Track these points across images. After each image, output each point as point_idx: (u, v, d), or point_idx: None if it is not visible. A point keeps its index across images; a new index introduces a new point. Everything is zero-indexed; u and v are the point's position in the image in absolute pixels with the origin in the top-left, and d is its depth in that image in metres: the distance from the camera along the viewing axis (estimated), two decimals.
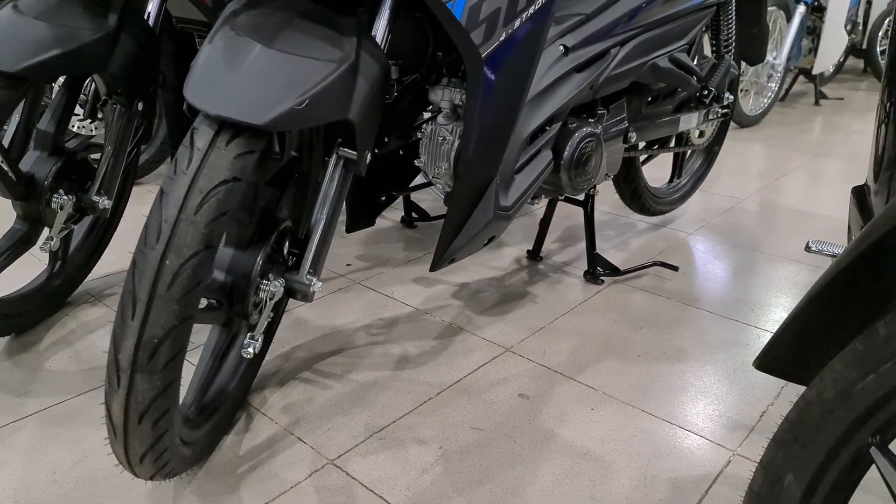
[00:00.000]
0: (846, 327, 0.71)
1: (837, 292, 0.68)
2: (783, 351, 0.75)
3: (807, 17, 3.85)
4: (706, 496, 1.06)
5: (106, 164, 1.40)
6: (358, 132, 0.96)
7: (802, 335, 0.73)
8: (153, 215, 0.76)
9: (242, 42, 0.82)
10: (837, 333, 0.71)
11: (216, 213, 0.76)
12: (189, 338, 0.80)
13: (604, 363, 1.42)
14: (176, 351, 0.77)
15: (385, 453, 1.14)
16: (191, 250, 0.74)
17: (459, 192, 1.22)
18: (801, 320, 0.71)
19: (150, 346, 0.74)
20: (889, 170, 0.82)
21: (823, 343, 0.72)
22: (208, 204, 0.75)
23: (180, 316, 0.75)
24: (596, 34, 1.47)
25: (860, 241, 0.65)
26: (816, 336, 0.72)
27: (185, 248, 0.74)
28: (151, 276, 0.74)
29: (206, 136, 0.78)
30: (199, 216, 0.75)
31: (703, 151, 2.27)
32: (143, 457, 0.82)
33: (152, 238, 0.74)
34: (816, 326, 0.71)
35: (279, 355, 1.42)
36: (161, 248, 0.74)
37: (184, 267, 0.74)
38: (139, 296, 0.74)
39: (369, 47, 0.98)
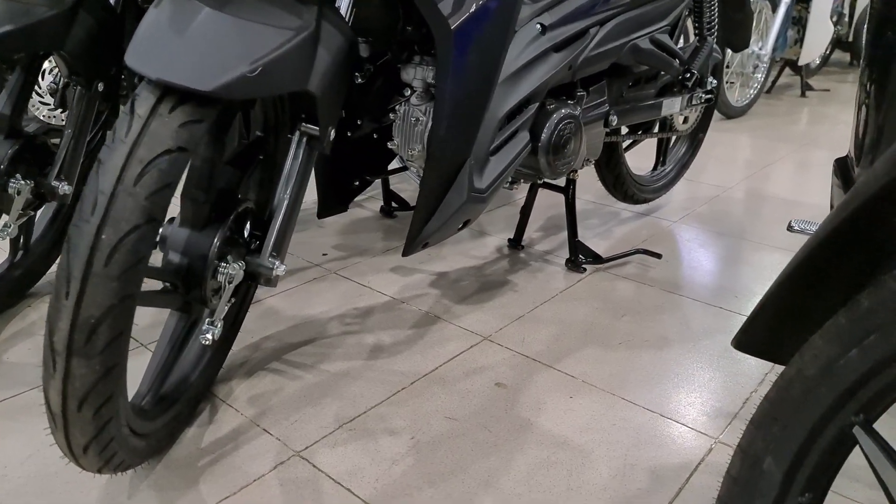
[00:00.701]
0: (826, 303, 0.67)
1: (816, 267, 0.65)
2: (761, 329, 0.71)
3: (792, 8, 3.83)
4: (687, 485, 1.02)
5: (66, 147, 1.34)
6: (319, 105, 0.92)
7: (781, 312, 0.69)
8: (89, 187, 0.71)
9: (190, 5, 0.77)
10: (817, 309, 0.67)
11: (158, 184, 0.71)
12: (132, 319, 0.75)
13: (584, 351, 1.38)
14: (116, 332, 0.72)
15: (354, 444, 1.10)
16: (129, 224, 0.69)
17: (431, 172, 1.17)
18: (779, 297, 0.67)
19: (86, 328, 0.69)
20: (870, 150, 0.79)
21: (802, 320, 0.68)
22: (149, 175, 0.70)
23: (119, 294, 0.70)
24: (574, 13, 1.42)
25: (837, 214, 0.61)
26: (795, 313, 0.68)
27: (124, 222, 0.69)
28: (86, 252, 0.69)
29: (147, 102, 0.73)
30: (138, 188, 0.70)
31: (687, 138, 2.24)
32: (86, 447, 0.77)
33: (87, 211, 0.69)
34: (795, 303, 0.67)
35: (248, 345, 1.37)
36: (96, 222, 0.69)
37: (122, 242, 0.69)
38: (73, 273, 0.69)
39: (332, 17, 0.93)
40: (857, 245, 0.62)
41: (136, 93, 0.74)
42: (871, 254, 0.62)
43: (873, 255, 0.62)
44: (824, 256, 0.64)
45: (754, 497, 0.64)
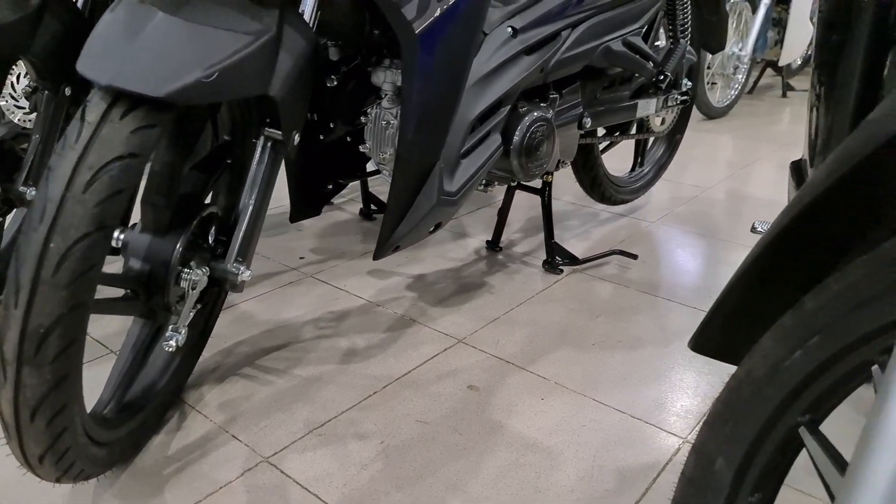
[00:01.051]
0: (776, 304, 0.68)
1: (766, 268, 0.65)
2: (716, 331, 0.71)
3: (772, 9, 3.86)
4: (653, 485, 1.02)
5: (34, 152, 1.33)
6: (281, 110, 0.91)
7: (734, 314, 0.69)
8: (38, 194, 0.70)
9: (144, 10, 0.77)
10: (768, 311, 0.68)
11: (109, 191, 0.70)
12: (85, 328, 0.74)
13: (558, 353, 1.39)
14: (67, 342, 0.71)
15: (323, 450, 1.09)
16: (79, 231, 0.69)
17: (401, 175, 1.17)
18: (731, 298, 0.68)
19: (36, 337, 0.69)
20: (822, 152, 0.79)
21: (755, 321, 0.68)
22: (99, 181, 0.70)
23: (69, 303, 0.70)
24: (546, 16, 1.43)
25: (785, 215, 0.61)
26: (748, 314, 0.68)
27: (73, 230, 0.69)
28: (34, 261, 0.68)
29: (98, 108, 0.72)
30: (88, 194, 0.69)
31: (665, 139, 2.25)
32: (41, 457, 0.77)
33: (36, 218, 0.69)
34: (747, 304, 0.68)
35: (220, 351, 1.37)
36: (45, 230, 0.68)
37: (71, 250, 0.68)
38: (22, 282, 0.68)
39: (294, 22, 0.93)
40: (803, 246, 0.63)
41: (88, 99, 0.74)
42: (817, 255, 0.63)
43: (819, 256, 0.63)
44: (774, 258, 0.64)
45: (706, 497, 0.64)
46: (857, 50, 0.66)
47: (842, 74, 0.67)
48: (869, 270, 0.54)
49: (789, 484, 1.02)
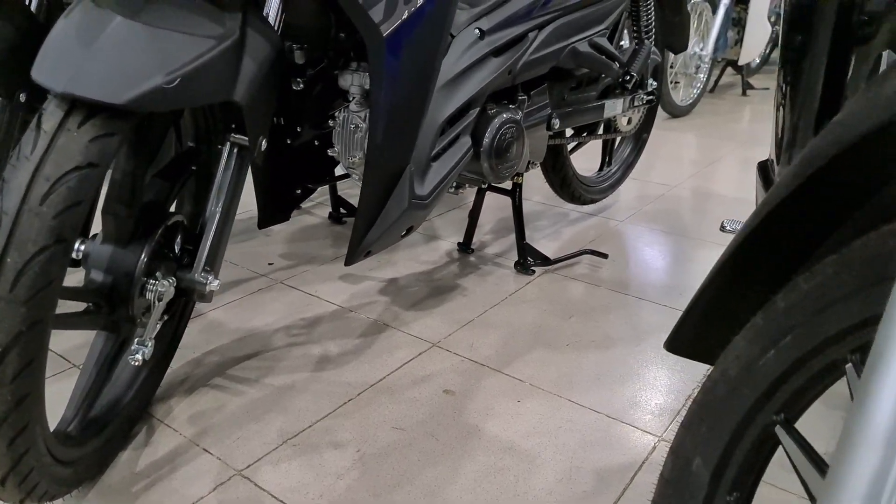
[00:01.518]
0: (748, 303, 0.68)
1: (738, 268, 0.66)
2: (691, 331, 0.71)
3: (731, 9, 3.93)
4: (630, 484, 1.02)
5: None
6: (246, 116, 0.89)
7: (708, 314, 0.70)
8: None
9: (102, 14, 0.74)
10: (741, 310, 0.68)
11: (67, 203, 0.68)
12: (46, 345, 0.72)
13: (532, 354, 1.39)
14: (27, 360, 0.68)
15: (298, 460, 1.07)
16: (37, 245, 0.66)
17: (371, 180, 1.16)
18: (705, 298, 0.68)
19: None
20: (788, 149, 0.81)
21: (728, 321, 0.69)
22: (56, 193, 0.67)
23: (28, 321, 0.67)
24: (512, 17, 1.43)
25: (755, 216, 0.62)
26: (721, 314, 0.69)
27: (30, 244, 0.66)
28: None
29: (54, 117, 0.70)
30: (45, 207, 0.67)
31: (632, 139, 2.27)
32: (3, 479, 0.73)
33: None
34: (721, 304, 0.68)
35: (189, 361, 1.34)
36: (0, 245, 0.65)
37: (29, 264, 0.66)
38: None
39: (258, 25, 0.91)
40: (773, 246, 0.64)
41: (44, 107, 0.71)
42: (787, 254, 0.63)
43: (788, 255, 0.63)
44: (745, 258, 0.65)
45: (685, 498, 0.64)
46: (821, 50, 0.67)
47: (807, 74, 0.69)
48: (838, 269, 0.54)
49: (766, 481, 1.04)
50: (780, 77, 0.79)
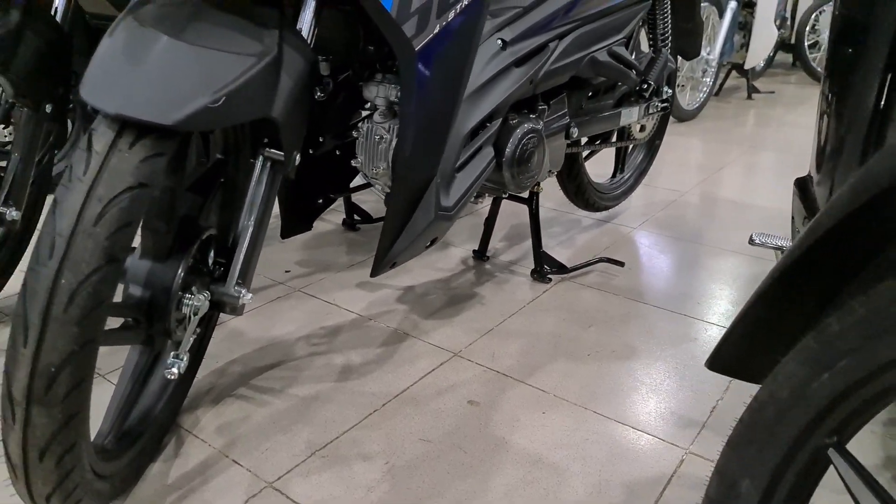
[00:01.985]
0: (795, 324, 0.69)
1: (786, 288, 0.66)
2: (734, 349, 0.72)
3: (738, 13, 3.94)
4: (661, 498, 1.03)
5: (13, 171, 1.29)
6: (283, 131, 0.90)
7: (752, 332, 0.70)
8: (46, 229, 0.67)
9: (147, 34, 0.74)
10: (787, 330, 0.69)
11: (119, 223, 0.68)
12: (94, 364, 0.72)
13: (554, 364, 1.39)
14: (78, 379, 0.69)
15: (328, 472, 1.08)
16: (90, 266, 0.66)
17: (398, 192, 1.16)
18: (750, 317, 0.69)
19: (46, 376, 0.66)
20: (831, 161, 0.81)
21: (773, 340, 0.69)
22: (109, 214, 0.67)
23: (81, 340, 0.67)
24: (534, 28, 1.43)
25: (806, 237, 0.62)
26: (766, 333, 0.69)
27: (84, 264, 0.66)
28: (45, 297, 0.65)
29: (105, 138, 0.70)
30: (98, 228, 0.67)
31: (644, 146, 2.28)
32: (49, 497, 0.74)
33: (45, 254, 0.66)
34: (765, 323, 0.69)
35: (213, 371, 1.34)
36: (55, 265, 0.66)
37: (82, 285, 0.66)
38: (31, 320, 0.66)
39: (293, 41, 0.92)
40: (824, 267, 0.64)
41: (93, 128, 0.71)
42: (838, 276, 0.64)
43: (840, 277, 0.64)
44: (792, 280, 0.65)
45: None
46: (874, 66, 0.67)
47: (856, 89, 0.69)
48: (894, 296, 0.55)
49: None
50: (824, 88, 0.79)
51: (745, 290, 1.74)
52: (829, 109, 0.80)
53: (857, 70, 0.69)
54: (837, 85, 0.80)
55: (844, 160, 0.75)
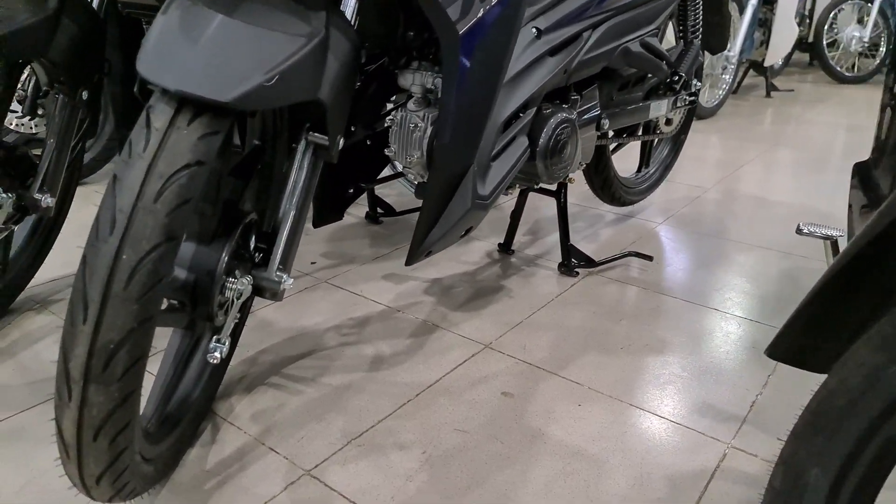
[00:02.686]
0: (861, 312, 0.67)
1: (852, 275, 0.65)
2: (795, 338, 0.70)
3: (759, 10, 3.91)
4: (706, 492, 1.02)
5: (48, 158, 1.28)
6: (329, 114, 0.89)
7: (815, 322, 0.69)
8: (105, 204, 0.67)
9: (202, 12, 0.74)
10: (853, 318, 0.67)
11: (179, 200, 0.68)
12: (150, 342, 0.71)
13: (586, 357, 1.38)
14: (135, 357, 0.68)
15: (365, 461, 1.07)
16: (150, 243, 0.66)
17: (435, 181, 1.15)
18: (815, 305, 0.67)
19: (104, 353, 0.66)
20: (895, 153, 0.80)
21: (839, 328, 0.68)
22: (169, 191, 0.67)
23: (140, 317, 0.67)
24: (568, 17, 1.42)
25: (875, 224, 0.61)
26: (831, 321, 0.68)
27: (144, 241, 0.66)
28: (105, 274, 0.65)
29: (164, 114, 0.69)
30: (158, 204, 0.66)
31: (670, 140, 2.26)
32: (99, 478, 0.73)
33: (105, 230, 0.66)
34: (831, 311, 0.68)
35: (245, 360, 1.33)
36: (116, 242, 0.65)
37: (143, 262, 0.65)
38: (91, 296, 0.65)
39: (339, 23, 0.91)
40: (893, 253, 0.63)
41: (151, 104, 0.71)
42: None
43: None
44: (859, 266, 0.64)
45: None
46: None
47: None
48: None
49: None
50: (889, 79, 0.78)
51: (774, 284, 1.72)
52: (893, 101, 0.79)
53: None
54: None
55: None
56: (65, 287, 1.59)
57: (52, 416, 1.16)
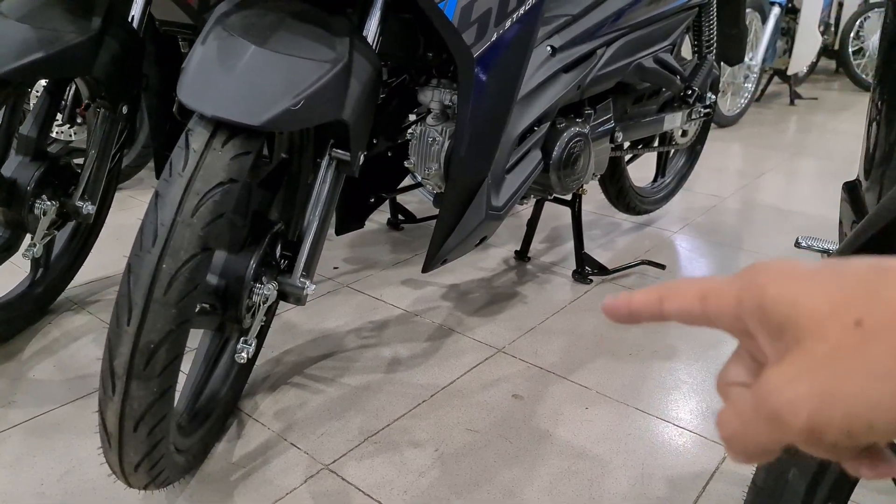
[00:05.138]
0: None
1: None
2: None
3: (781, 19, 3.91)
4: (703, 493, 1.06)
5: (89, 168, 1.37)
6: (352, 133, 0.96)
7: None
8: (149, 218, 0.74)
9: (236, 42, 0.81)
10: None
11: (213, 215, 0.75)
12: (186, 342, 0.78)
13: (596, 362, 1.43)
14: (173, 356, 0.75)
15: (381, 457, 1.13)
16: (188, 253, 0.73)
17: (451, 192, 1.22)
18: None
19: (146, 352, 0.73)
20: (881, 167, 0.84)
21: None
22: (205, 206, 0.74)
23: (177, 320, 0.74)
24: (582, 35, 1.47)
25: (855, 238, 0.65)
26: None
27: (182, 252, 0.73)
28: (148, 281, 0.72)
29: (201, 137, 0.77)
30: (195, 219, 0.73)
31: (686, 151, 2.29)
32: (137, 465, 0.81)
33: (148, 241, 0.73)
34: None
35: (269, 360, 1.41)
36: (157, 252, 0.72)
37: (181, 270, 0.73)
38: (135, 300, 0.72)
39: (361, 48, 0.98)
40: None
41: (190, 128, 0.78)
42: None
43: None
44: None
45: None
46: None
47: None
48: None
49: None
50: (874, 95, 0.82)
51: None
52: (878, 116, 0.83)
53: None
54: (888, 92, 0.83)
55: (894, 165, 0.77)
56: (101, 289, 1.68)
57: (91, 410, 1.24)
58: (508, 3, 1.12)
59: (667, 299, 0.30)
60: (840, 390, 0.23)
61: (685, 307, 0.29)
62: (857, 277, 0.24)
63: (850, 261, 0.26)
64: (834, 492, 0.66)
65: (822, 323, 0.24)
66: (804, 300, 0.25)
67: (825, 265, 0.26)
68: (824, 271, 0.25)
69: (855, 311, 0.23)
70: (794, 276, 0.26)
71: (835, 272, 0.25)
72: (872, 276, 0.24)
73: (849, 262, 0.25)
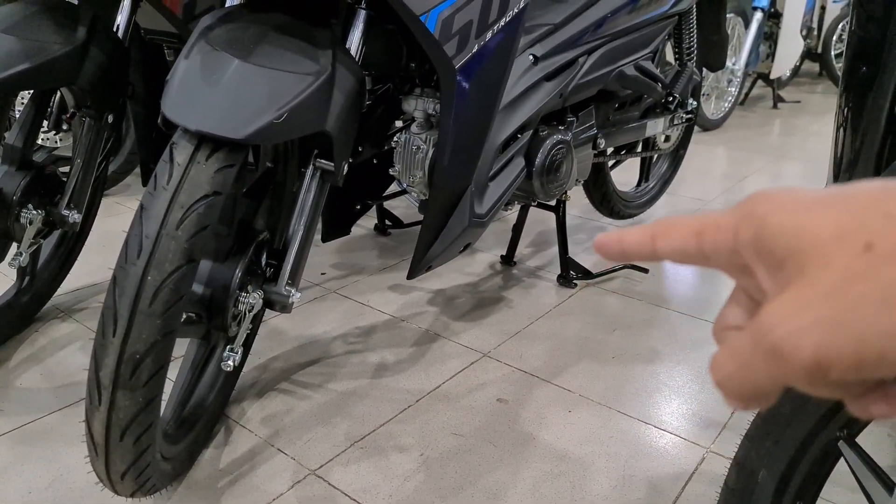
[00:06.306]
0: None
1: None
2: None
3: (764, 24, 3.96)
4: (682, 494, 1.08)
5: (75, 177, 1.38)
6: (335, 144, 0.97)
7: None
8: (133, 231, 0.75)
9: (219, 57, 0.82)
10: None
11: (197, 227, 0.76)
12: (171, 352, 0.80)
13: (579, 366, 1.45)
14: (158, 366, 0.77)
15: (366, 462, 1.15)
16: (172, 265, 0.74)
17: (435, 200, 1.23)
18: None
19: (132, 362, 0.74)
20: (847, 172, 0.86)
21: None
22: (189, 219, 0.75)
23: (163, 331, 0.75)
24: (564, 43, 1.50)
25: None
26: None
27: (167, 264, 0.74)
28: (133, 292, 0.73)
29: (185, 151, 0.78)
30: (180, 231, 0.75)
31: (669, 155, 2.32)
32: (124, 474, 0.82)
33: (133, 254, 0.74)
34: None
35: (256, 366, 1.42)
36: (142, 264, 0.74)
37: (166, 282, 0.74)
38: (120, 312, 0.74)
39: (344, 59, 0.99)
40: None
41: (174, 141, 0.79)
42: None
43: None
44: None
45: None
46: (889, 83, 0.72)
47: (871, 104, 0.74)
48: None
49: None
50: (840, 101, 0.84)
51: None
52: (845, 123, 0.85)
53: (871, 86, 0.75)
54: (853, 100, 0.86)
55: (859, 172, 0.80)
56: (88, 296, 1.69)
57: (78, 418, 1.25)
58: (489, 15, 1.14)
59: (660, 237, 0.27)
60: (849, 319, 0.20)
61: (680, 245, 0.27)
62: (867, 199, 0.22)
63: (859, 183, 0.23)
64: (802, 492, 0.68)
65: (827, 249, 0.22)
66: (808, 227, 0.23)
67: (830, 190, 0.24)
68: (830, 196, 0.23)
69: (864, 234, 0.21)
70: (797, 204, 0.24)
71: (841, 196, 0.23)
72: (884, 197, 0.22)
73: (857, 185, 0.23)
